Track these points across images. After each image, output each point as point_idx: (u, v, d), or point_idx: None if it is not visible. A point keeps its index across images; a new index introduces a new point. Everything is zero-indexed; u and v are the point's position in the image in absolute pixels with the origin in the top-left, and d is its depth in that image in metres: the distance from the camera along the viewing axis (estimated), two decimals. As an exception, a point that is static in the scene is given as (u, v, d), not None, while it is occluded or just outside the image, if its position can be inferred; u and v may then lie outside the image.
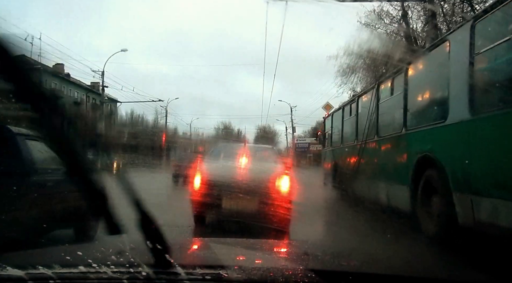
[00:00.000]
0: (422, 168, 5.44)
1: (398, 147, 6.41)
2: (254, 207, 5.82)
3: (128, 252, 1.10)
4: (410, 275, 1.10)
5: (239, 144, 9.26)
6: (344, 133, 10.43)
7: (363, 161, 8.33)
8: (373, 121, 7.69)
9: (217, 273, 0.95)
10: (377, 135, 7.49)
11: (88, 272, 0.93)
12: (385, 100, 7.22)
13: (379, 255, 1.60)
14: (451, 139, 4.74)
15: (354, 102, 9.48)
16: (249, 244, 1.63)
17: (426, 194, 5.38)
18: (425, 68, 5.71)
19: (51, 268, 0.92)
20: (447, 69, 4.82)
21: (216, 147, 8.32)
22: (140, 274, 0.92)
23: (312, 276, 0.95)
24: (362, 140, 8.29)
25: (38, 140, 3.94)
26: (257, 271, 0.99)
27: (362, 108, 8.86)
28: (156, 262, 0.95)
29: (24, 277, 0.90)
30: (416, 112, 5.97)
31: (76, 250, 1.27)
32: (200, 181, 5.99)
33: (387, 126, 7.18)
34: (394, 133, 6.54)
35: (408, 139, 5.96)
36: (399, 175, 6.30)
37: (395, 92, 6.74)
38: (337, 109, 11.71)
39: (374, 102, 7.61)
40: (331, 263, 1.36)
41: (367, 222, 6.67)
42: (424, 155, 5.32)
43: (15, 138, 4.12)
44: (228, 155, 7.71)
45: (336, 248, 1.93)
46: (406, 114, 6.10)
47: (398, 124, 6.55)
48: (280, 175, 6.33)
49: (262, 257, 1.36)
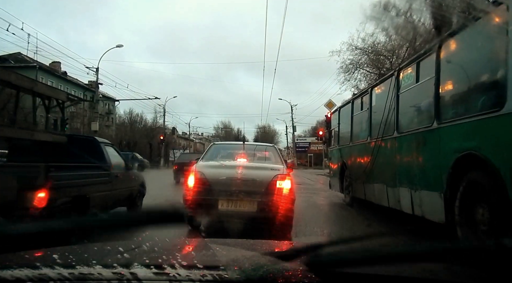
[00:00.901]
0: (463, 170, 4.32)
1: (426, 144, 5.28)
2: (253, 210, 5.25)
3: (128, 252, 1.15)
4: (413, 276, 1.08)
5: (237, 142, 8.43)
6: (354, 130, 9.28)
7: (378, 161, 7.21)
8: (392, 114, 6.55)
9: (217, 273, 0.94)
10: (397, 131, 6.35)
11: (88, 273, 0.93)
12: (407, 89, 6.08)
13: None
14: (509, 133, 3.61)
15: (367, 94, 8.32)
16: (249, 244, 1.60)
17: (468, 203, 4.27)
18: (468, 44, 4.56)
19: (52, 269, 0.93)
20: (503, 42, 3.68)
21: (213, 146, 7.37)
22: (140, 274, 0.92)
23: (312, 277, 0.95)
24: (377, 137, 7.17)
25: (110, 146, 7.11)
26: (257, 271, 0.97)
27: (377, 101, 7.72)
28: (156, 262, 0.98)
29: (24, 278, 0.90)
30: (453, 101, 4.84)
31: (76, 251, 1.29)
32: (194, 182, 5.51)
33: (411, 120, 6.05)
34: (421, 128, 5.41)
35: (442, 135, 4.82)
36: (429, 178, 5.18)
37: (421, 79, 5.60)
38: (346, 103, 10.55)
39: (393, 93, 6.47)
40: (331, 263, 1.17)
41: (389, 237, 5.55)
42: (467, 153, 4.20)
43: (100, 146, 6.60)
44: (226, 154, 7.18)
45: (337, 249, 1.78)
46: (438, 104, 4.96)
47: (426, 116, 5.42)
48: (283, 177, 5.55)
49: (262, 257, 1.23)
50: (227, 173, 5.58)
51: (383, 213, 7.52)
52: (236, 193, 5.28)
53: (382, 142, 6.98)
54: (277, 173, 5.51)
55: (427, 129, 5.20)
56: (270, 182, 5.41)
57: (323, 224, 7.22)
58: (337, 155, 10.80)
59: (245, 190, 5.31)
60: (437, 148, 4.92)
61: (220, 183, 5.43)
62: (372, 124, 7.85)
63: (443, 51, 4.94)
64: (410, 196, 5.76)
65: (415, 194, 5.61)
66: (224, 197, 5.28)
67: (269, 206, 5.25)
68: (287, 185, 5.43)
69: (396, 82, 6.43)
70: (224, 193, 5.31)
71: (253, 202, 5.26)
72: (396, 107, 6.41)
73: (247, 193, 5.28)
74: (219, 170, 5.72)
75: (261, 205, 5.26)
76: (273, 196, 5.32)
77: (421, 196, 5.40)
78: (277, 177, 5.44)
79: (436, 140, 4.96)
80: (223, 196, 5.29)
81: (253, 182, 5.45)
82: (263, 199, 5.28)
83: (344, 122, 10.38)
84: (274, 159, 6.68)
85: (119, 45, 31.24)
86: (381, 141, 7.00)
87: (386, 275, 1.03)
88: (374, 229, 6.54)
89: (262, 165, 6.21)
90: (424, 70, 5.52)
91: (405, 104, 6.27)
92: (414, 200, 5.66)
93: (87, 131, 37.99)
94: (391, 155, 6.73)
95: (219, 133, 74.16)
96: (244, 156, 6.46)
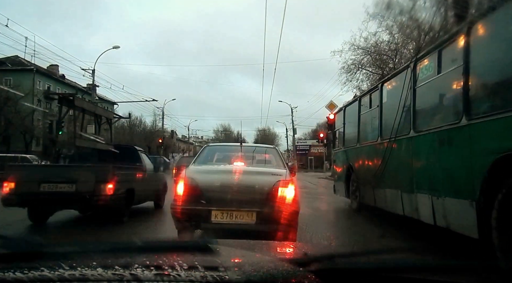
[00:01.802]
0: (502, 175, 3.60)
1: (452, 144, 4.55)
2: (251, 222, 4.52)
3: (128, 253, 1.14)
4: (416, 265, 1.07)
5: (234, 144, 7.67)
6: (362, 130, 8.54)
7: (391, 164, 6.48)
8: (407, 111, 5.83)
9: (217, 274, 0.94)
10: (414, 129, 5.62)
11: (88, 273, 0.93)
12: (427, 82, 5.35)
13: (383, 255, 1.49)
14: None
15: (376, 90, 7.59)
16: (249, 245, 1.62)
17: (509, 214, 3.54)
18: (506, 23, 3.83)
19: (52, 269, 0.94)
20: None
21: (206, 148, 6.57)
22: (140, 275, 0.92)
23: (312, 278, 0.96)
24: (389, 137, 6.44)
25: (143, 152, 9.40)
26: (257, 272, 0.98)
27: (388, 97, 7.00)
28: (156, 263, 0.98)
29: (25, 279, 0.91)
30: (487, 92, 4.11)
31: (76, 251, 1.26)
32: (184, 190, 4.76)
33: (431, 117, 5.31)
34: (446, 125, 4.67)
35: (473, 133, 4.10)
36: (456, 184, 4.45)
37: (444, 69, 4.88)
38: (352, 102, 9.81)
39: (409, 87, 5.74)
40: (331, 264, 1.24)
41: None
42: (508, 154, 3.48)
43: (137, 152, 8.91)
44: (221, 157, 6.48)
45: (337, 250, 2.02)
46: (467, 97, 4.23)
47: (452, 112, 4.69)
48: (286, 183, 4.82)
49: (262, 258, 1.27)
50: (222, 179, 4.85)
51: (396, 221, 6.79)
52: (231, 202, 4.57)
53: (395, 142, 6.26)
54: (279, 178, 4.77)
55: (453, 127, 4.46)
56: (271, 189, 4.68)
57: (329, 233, 6.49)
58: (343, 158, 10.06)
59: (242, 198, 4.60)
60: (467, 148, 4.19)
61: (214, 190, 4.70)
62: (383, 124, 7.12)
63: (473, 34, 4.21)
64: (431, 203, 5.03)
65: (437, 202, 4.87)
66: (218, 206, 4.56)
67: (270, 217, 4.52)
68: (291, 192, 4.70)
69: (412, 75, 5.70)
70: (218, 202, 4.59)
71: (252, 212, 4.52)
72: (413, 103, 5.68)
73: (245, 202, 4.56)
74: (213, 176, 5.00)
75: (260, 216, 4.53)
76: (275, 205, 4.59)
77: (446, 204, 4.66)
78: (279, 183, 4.71)
79: (465, 139, 4.23)
80: (217, 205, 4.57)
81: (252, 189, 4.73)
82: (263, 209, 4.56)
83: (350, 122, 9.65)
84: (276, 162, 5.95)
85: (115, 47, 30.60)
86: (394, 141, 6.27)
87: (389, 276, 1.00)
88: (389, 241, 5.80)
89: (262, 169, 5.49)
90: (448, 59, 4.80)
91: (423, 99, 5.54)
92: (436, 209, 4.92)
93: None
94: (406, 156, 6.00)
95: (219, 136, 73.55)
96: (242, 159, 5.73)
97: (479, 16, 4.20)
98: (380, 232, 6.47)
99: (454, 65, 4.51)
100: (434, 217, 4.97)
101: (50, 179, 6.51)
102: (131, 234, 6.03)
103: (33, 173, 7.20)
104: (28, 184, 6.46)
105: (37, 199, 6.39)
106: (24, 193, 6.39)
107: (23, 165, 13.08)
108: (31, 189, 6.38)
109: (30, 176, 6.75)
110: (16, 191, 6.42)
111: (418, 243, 5.48)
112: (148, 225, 7.14)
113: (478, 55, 4.15)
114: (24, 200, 6.43)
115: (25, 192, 6.40)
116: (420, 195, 5.39)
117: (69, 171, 7.05)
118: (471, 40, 4.20)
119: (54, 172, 7.02)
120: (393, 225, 6.90)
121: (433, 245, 4.95)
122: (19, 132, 36.36)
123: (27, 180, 6.56)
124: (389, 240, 5.89)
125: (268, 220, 4.51)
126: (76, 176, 6.55)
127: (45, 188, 6.39)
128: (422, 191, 5.31)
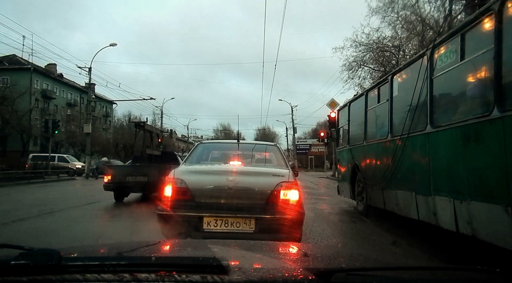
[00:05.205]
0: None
1: (481, 140, 3.95)
2: (250, 231, 3.99)
3: (129, 254, 1.19)
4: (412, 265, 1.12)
5: (230, 141, 7.08)
6: (369, 126, 7.93)
7: (403, 162, 5.88)
8: (423, 105, 5.23)
9: (217, 275, 0.93)
10: (432, 124, 5.02)
11: (89, 274, 0.93)
12: (447, 71, 4.75)
13: (383, 257, 1.53)
14: None
15: (386, 83, 6.98)
16: (249, 245, 1.61)
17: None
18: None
19: (52, 270, 0.94)
20: None
21: (199, 145, 5.98)
22: (140, 275, 0.92)
23: (312, 278, 0.94)
24: (401, 133, 5.84)
25: (179, 155, 15.34)
26: (257, 272, 0.97)
27: (400, 90, 6.39)
28: (156, 263, 1.01)
29: (25, 279, 0.91)
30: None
31: (77, 251, 1.29)
32: (172, 193, 4.22)
33: (454, 110, 4.71)
34: (472, 118, 4.07)
35: (508, 126, 3.50)
36: (485, 186, 3.85)
37: (469, 54, 4.27)
38: (357, 97, 9.20)
39: (425, 77, 5.14)
40: (331, 264, 1.29)
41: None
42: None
43: (176, 155, 14.99)
44: (215, 156, 5.92)
45: (337, 250, 2.03)
46: (499, 85, 3.63)
47: (480, 103, 4.09)
48: (288, 186, 4.25)
49: (262, 258, 1.29)
50: (216, 181, 4.26)
51: (408, 224, 6.20)
52: (227, 207, 3.99)
53: (408, 139, 5.66)
54: (281, 180, 4.17)
55: (482, 120, 3.86)
56: (272, 192, 4.09)
57: (336, 239, 5.89)
58: (348, 156, 9.45)
59: (239, 203, 4.01)
60: (500, 144, 3.60)
61: (206, 194, 4.12)
62: (393, 119, 6.53)
63: (505, 11, 3.61)
64: (452, 207, 4.43)
65: (460, 206, 4.28)
66: (211, 212, 3.98)
67: (271, 225, 3.93)
68: (294, 195, 4.10)
69: (429, 64, 5.10)
70: (211, 208, 4.01)
71: (250, 219, 3.93)
72: (430, 95, 5.08)
73: (242, 208, 3.97)
74: (205, 177, 4.39)
75: (260, 223, 3.94)
76: (276, 211, 4.00)
77: (471, 209, 4.07)
78: (281, 185, 4.11)
79: (498, 134, 3.63)
80: (210, 211, 3.99)
81: (250, 192, 4.14)
82: (263, 215, 3.97)
83: (355, 119, 9.04)
84: (277, 161, 5.35)
85: (112, 44, 29.88)
86: (407, 138, 5.67)
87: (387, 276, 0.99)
88: (402, 249, 5.21)
89: (262, 169, 4.88)
90: (474, 42, 4.20)
91: (443, 90, 4.94)
92: (458, 214, 4.33)
93: (81, 134, 36.88)
94: (421, 154, 5.40)
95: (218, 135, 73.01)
96: (239, 157, 5.15)
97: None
98: (392, 238, 5.87)
99: (483, 49, 3.91)
100: (456, 223, 4.38)
101: (132, 173, 10.74)
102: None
103: (122, 169, 11.88)
104: (119, 176, 10.67)
105: (125, 186, 10.60)
106: (116, 182, 10.58)
107: (116, 165, 17.65)
108: (121, 179, 10.56)
109: (120, 172, 11.11)
110: (112, 180, 10.60)
111: (437, 253, 4.89)
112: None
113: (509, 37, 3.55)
114: (116, 186, 10.63)
115: (117, 181, 10.58)
116: (438, 198, 4.80)
117: (143, 168, 11.12)
118: (504, 17, 3.60)
119: (135, 169, 11.38)
120: (405, 229, 6.32)
121: (457, 256, 4.37)
122: (16, 131, 35.79)
123: (118, 174, 10.78)
124: (403, 248, 5.32)
125: (269, 228, 3.91)
126: (148, 172, 10.44)
127: (129, 179, 10.53)
128: (442, 194, 4.71)
